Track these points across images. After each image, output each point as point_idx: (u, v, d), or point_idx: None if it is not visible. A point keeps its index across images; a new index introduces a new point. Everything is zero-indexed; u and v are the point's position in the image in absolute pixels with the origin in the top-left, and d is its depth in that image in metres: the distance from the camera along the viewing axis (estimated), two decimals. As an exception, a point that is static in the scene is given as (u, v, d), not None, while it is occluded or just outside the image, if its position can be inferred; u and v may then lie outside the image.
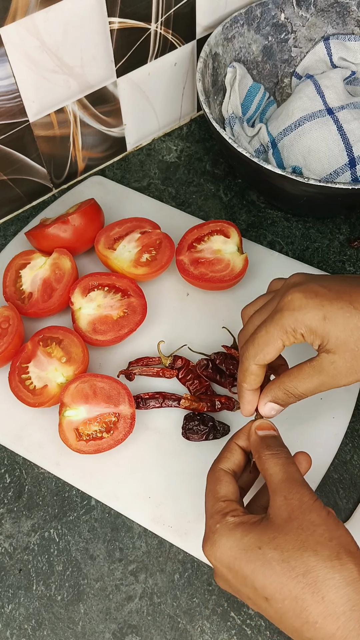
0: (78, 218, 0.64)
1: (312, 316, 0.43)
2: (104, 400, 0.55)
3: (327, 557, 0.37)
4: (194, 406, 0.58)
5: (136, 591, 0.53)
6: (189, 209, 0.72)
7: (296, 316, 0.43)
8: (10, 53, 0.56)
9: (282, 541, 0.38)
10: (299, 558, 0.37)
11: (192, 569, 0.53)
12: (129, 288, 0.62)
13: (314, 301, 0.43)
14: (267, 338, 0.45)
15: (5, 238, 0.72)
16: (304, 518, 0.38)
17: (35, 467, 0.58)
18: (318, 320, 0.43)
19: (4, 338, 0.59)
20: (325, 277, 0.46)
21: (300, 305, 0.43)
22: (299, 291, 0.44)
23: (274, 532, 0.38)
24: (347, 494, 0.56)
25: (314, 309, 0.43)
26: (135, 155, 0.77)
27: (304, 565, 0.37)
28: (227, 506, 0.42)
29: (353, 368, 0.43)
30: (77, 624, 0.52)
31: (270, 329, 0.44)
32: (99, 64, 0.64)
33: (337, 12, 0.72)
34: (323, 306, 0.43)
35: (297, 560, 0.37)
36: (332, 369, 0.44)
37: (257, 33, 0.72)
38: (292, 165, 0.69)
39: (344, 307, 0.43)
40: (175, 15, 0.65)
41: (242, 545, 0.39)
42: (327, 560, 0.37)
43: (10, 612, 0.52)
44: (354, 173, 0.67)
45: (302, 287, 0.44)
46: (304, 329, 0.43)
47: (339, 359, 0.43)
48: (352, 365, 0.43)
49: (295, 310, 0.43)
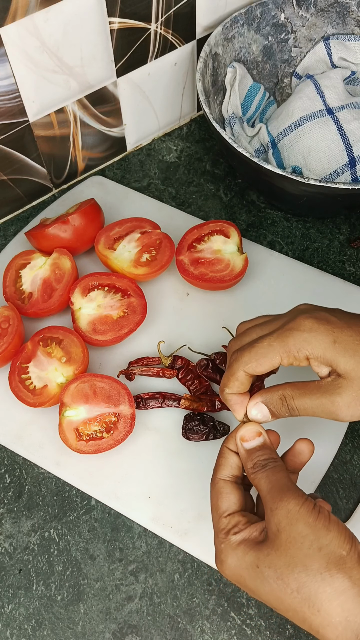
0: (78, 218, 0.64)
1: (323, 339, 0.42)
2: (104, 400, 0.55)
3: (316, 570, 0.37)
4: (194, 406, 0.58)
5: (136, 591, 0.53)
6: (189, 209, 0.72)
7: (305, 337, 0.42)
8: (10, 53, 0.56)
9: (274, 558, 0.38)
10: (291, 574, 0.37)
11: (192, 569, 0.53)
12: (129, 288, 0.62)
13: (325, 327, 0.42)
14: (268, 350, 0.43)
15: (5, 238, 0.72)
16: (292, 529, 0.38)
17: (35, 467, 0.58)
18: (328, 344, 0.42)
19: (4, 338, 0.59)
20: (332, 309, 0.46)
21: (311, 328, 0.43)
22: (311, 317, 0.43)
23: (268, 548, 0.39)
24: (347, 494, 0.56)
25: (325, 333, 0.42)
26: (135, 155, 0.77)
27: (296, 581, 0.37)
28: (229, 522, 0.42)
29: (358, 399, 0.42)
30: (77, 624, 0.52)
31: (273, 343, 0.43)
32: (99, 64, 0.64)
33: (337, 12, 0.72)
34: (334, 332, 0.42)
35: (289, 577, 0.37)
36: (337, 394, 0.42)
37: (257, 33, 0.72)
38: (292, 165, 0.69)
39: (354, 335, 0.42)
40: (175, 15, 0.65)
41: (244, 565, 0.40)
42: (317, 573, 0.37)
43: (10, 612, 0.52)
44: (354, 173, 0.67)
45: (313, 314, 0.44)
46: (310, 352, 0.42)
47: (346, 385, 0.42)
48: (357, 395, 0.42)
49: (305, 331, 0.42)
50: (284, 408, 0.44)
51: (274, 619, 0.51)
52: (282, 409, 0.44)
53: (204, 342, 0.62)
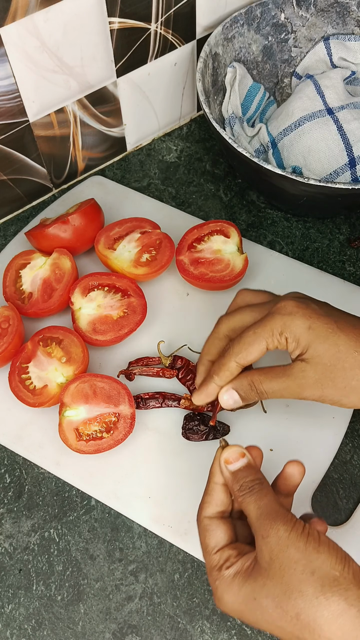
0: (78, 218, 0.64)
1: (300, 323, 0.45)
2: (104, 400, 0.55)
3: (312, 594, 0.37)
4: (194, 406, 0.58)
5: (136, 591, 0.53)
6: (189, 209, 0.72)
7: (285, 320, 0.46)
8: (10, 53, 0.56)
9: (270, 587, 0.38)
10: (288, 602, 0.37)
11: (192, 569, 0.53)
12: (129, 288, 0.62)
13: (304, 311, 0.46)
14: (254, 339, 0.47)
15: (5, 238, 0.72)
16: (284, 556, 0.38)
17: (35, 467, 0.58)
18: (303, 329, 0.45)
19: (4, 338, 0.59)
20: (318, 301, 0.49)
21: (290, 311, 0.46)
22: (293, 300, 0.47)
23: (263, 577, 0.39)
24: (347, 494, 0.56)
25: (302, 318, 0.46)
26: (135, 155, 0.77)
27: (295, 608, 0.37)
28: (220, 558, 0.42)
29: (320, 382, 0.46)
30: (77, 624, 0.52)
31: (257, 330, 0.47)
32: (99, 64, 0.64)
33: (337, 12, 0.72)
34: (310, 317, 0.46)
35: (287, 605, 0.37)
36: (301, 377, 0.46)
37: (257, 33, 0.72)
38: (292, 165, 0.69)
39: (329, 324, 0.46)
40: (175, 15, 0.65)
41: (240, 599, 0.40)
42: (313, 598, 0.37)
43: (10, 612, 0.52)
44: (354, 173, 0.67)
45: (297, 299, 0.47)
46: (289, 334, 0.46)
47: (310, 369, 0.46)
48: (319, 379, 0.46)
49: (285, 315, 0.46)
50: (253, 392, 0.48)
51: (274, 619, 0.51)
52: (252, 394, 0.48)
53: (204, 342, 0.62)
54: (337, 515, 0.55)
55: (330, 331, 0.45)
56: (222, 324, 0.52)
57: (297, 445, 0.56)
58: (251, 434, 0.57)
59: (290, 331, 0.45)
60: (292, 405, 0.58)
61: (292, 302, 0.46)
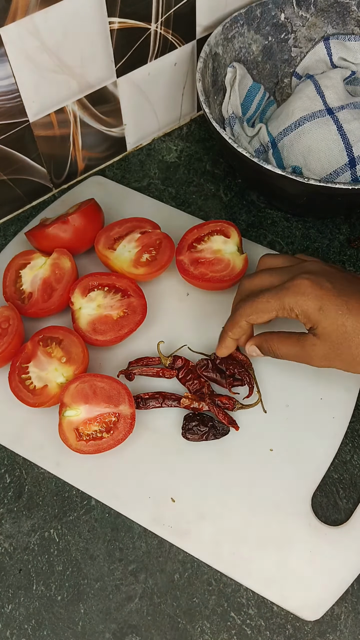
0: (78, 218, 0.64)
1: (311, 304, 0.50)
2: (104, 400, 0.55)
3: None
4: (194, 405, 0.58)
5: (136, 591, 0.53)
6: (189, 209, 0.72)
7: (297, 299, 0.50)
8: (10, 53, 0.56)
9: None
10: None
11: (192, 569, 0.53)
12: (129, 288, 0.62)
13: (318, 293, 0.50)
14: (266, 306, 0.52)
15: (5, 238, 0.72)
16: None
17: (35, 467, 0.58)
18: (314, 309, 0.50)
19: (4, 338, 0.59)
20: (336, 274, 0.52)
21: (305, 291, 0.50)
22: (309, 279, 0.50)
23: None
24: (347, 494, 0.56)
25: (315, 299, 0.50)
26: (135, 155, 0.77)
27: None
28: None
29: (327, 356, 0.51)
30: (77, 624, 0.52)
31: (271, 300, 0.51)
32: (99, 64, 0.64)
33: (337, 12, 0.72)
34: (322, 299, 0.49)
35: None
36: (311, 350, 0.51)
37: (257, 33, 0.72)
38: (292, 165, 0.69)
39: (339, 305, 0.49)
40: (175, 15, 0.65)
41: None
42: None
43: (10, 612, 0.52)
44: (354, 173, 0.67)
45: (313, 277, 0.51)
46: (300, 312, 0.50)
47: (320, 344, 0.51)
48: (327, 353, 0.51)
49: (299, 294, 0.50)
50: (270, 353, 0.55)
51: (273, 619, 0.51)
52: (269, 353, 0.55)
53: (204, 342, 0.62)
54: (337, 515, 0.55)
55: (340, 313, 0.49)
56: (244, 287, 0.56)
57: (297, 445, 0.57)
58: (251, 434, 0.57)
59: (302, 310, 0.50)
60: (292, 405, 0.59)
61: (306, 282, 0.50)
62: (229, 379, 0.59)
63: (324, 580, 0.51)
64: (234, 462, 0.56)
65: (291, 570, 0.52)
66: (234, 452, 0.57)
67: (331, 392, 0.59)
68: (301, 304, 0.50)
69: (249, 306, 0.53)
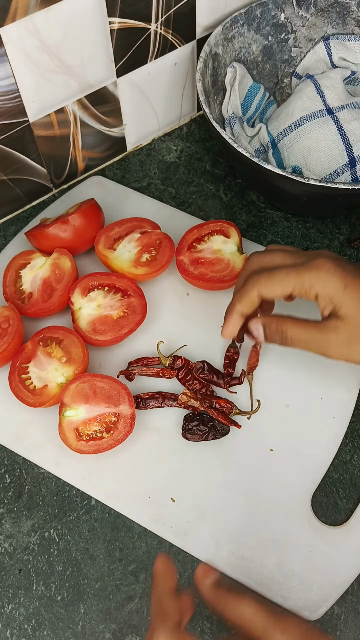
0: (78, 218, 0.64)
1: (335, 282, 0.47)
2: (104, 400, 0.55)
3: None
4: (192, 402, 0.58)
5: (136, 591, 0.53)
6: (189, 209, 0.72)
7: (321, 276, 0.47)
8: (10, 53, 0.56)
9: None
10: None
11: (192, 569, 0.53)
12: (129, 288, 0.62)
13: (341, 272, 0.47)
14: (283, 279, 0.48)
15: (5, 238, 0.72)
16: None
17: (35, 467, 0.58)
18: (339, 287, 0.46)
19: (4, 338, 0.59)
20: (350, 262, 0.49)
21: (328, 269, 0.47)
22: (331, 260, 0.47)
23: None
24: (347, 494, 0.56)
25: (339, 278, 0.47)
26: (135, 155, 0.77)
27: None
28: None
29: (348, 341, 0.47)
30: (77, 624, 0.52)
31: (290, 274, 0.48)
32: (99, 64, 0.64)
33: (337, 12, 0.72)
34: (346, 278, 0.47)
35: None
36: (333, 333, 0.47)
37: (257, 33, 0.72)
38: (292, 165, 0.69)
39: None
40: (175, 15, 0.65)
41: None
42: None
43: (10, 612, 0.52)
44: (354, 173, 0.67)
45: (333, 258, 0.48)
46: (321, 291, 0.47)
47: (343, 327, 0.47)
48: (348, 338, 0.47)
49: (322, 271, 0.47)
50: (278, 335, 0.49)
51: (274, 619, 0.51)
52: (276, 335, 0.49)
53: (204, 342, 0.62)
54: (337, 515, 0.55)
55: None
56: (254, 261, 0.52)
57: (297, 445, 0.57)
58: (251, 434, 0.57)
59: (325, 287, 0.47)
60: (292, 405, 0.59)
61: (329, 263, 0.47)
62: (226, 378, 0.59)
63: (324, 580, 0.51)
64: (234, 462, 0.56)
65: (291, 570, 0.52)
66: (234, 452, 0.57)
67: (331, 392, 0.59)
68: (323, 282, 0.47)
69: (264, 277, 0.49)
